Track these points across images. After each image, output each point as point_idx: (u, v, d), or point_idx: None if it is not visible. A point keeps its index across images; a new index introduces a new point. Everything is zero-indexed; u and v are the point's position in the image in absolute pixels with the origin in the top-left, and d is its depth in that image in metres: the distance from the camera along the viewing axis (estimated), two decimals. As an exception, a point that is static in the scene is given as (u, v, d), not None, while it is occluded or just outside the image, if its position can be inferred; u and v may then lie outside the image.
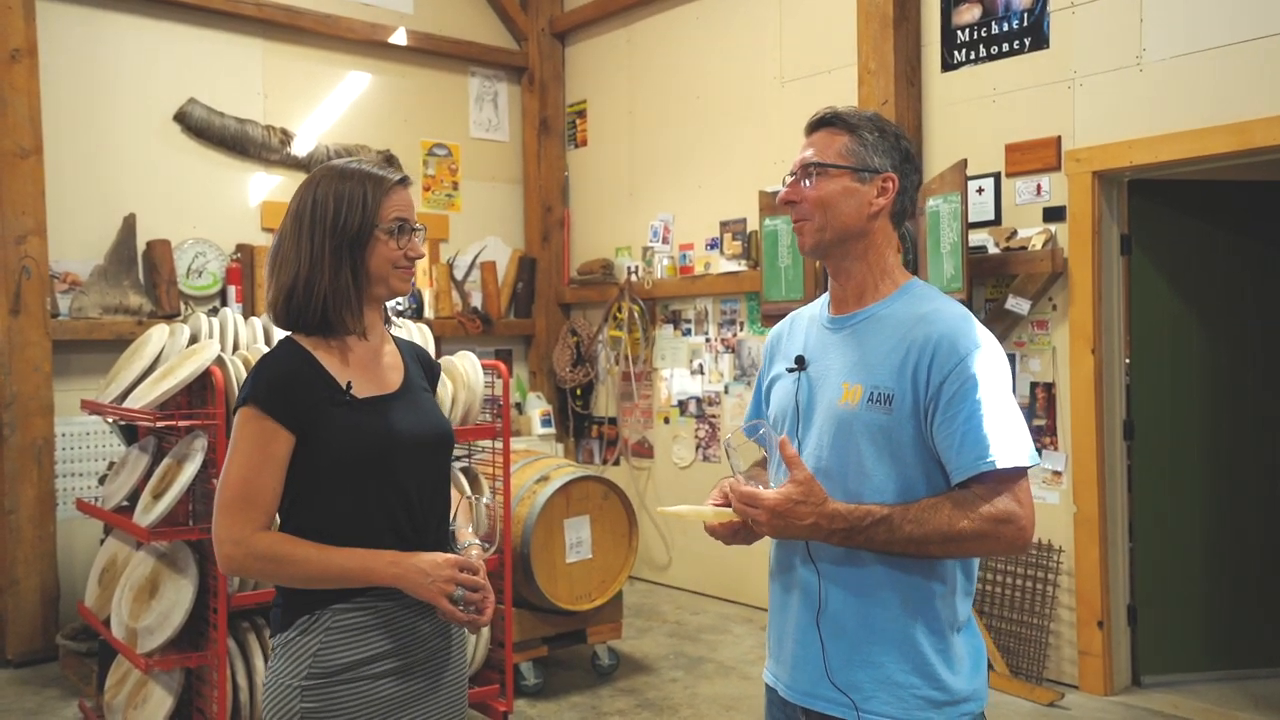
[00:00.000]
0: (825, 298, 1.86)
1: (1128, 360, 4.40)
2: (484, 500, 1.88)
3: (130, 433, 4.01)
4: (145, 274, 5.32)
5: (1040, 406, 4.43)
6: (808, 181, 1.74)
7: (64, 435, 5.00)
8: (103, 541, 4.02)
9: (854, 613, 1.67)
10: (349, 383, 1.77)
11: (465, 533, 1.88)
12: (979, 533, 1.57)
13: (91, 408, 3.78)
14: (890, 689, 1.64)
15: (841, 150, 1.72)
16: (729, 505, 1.73)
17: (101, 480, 4.43)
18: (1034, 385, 4.45)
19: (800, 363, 1.79)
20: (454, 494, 1.99)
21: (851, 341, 1.73)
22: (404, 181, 1.84)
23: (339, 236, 1.75)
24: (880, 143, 1.73)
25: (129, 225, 5.27)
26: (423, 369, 1.98)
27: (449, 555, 1.75)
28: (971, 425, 1.58)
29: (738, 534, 1.75)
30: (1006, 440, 1.59)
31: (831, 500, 1.61)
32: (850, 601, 1.67)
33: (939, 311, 1.68)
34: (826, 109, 1.79)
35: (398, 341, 1.96)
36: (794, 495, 1.59)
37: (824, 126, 1.77)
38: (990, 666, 4.36)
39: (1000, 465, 1.57)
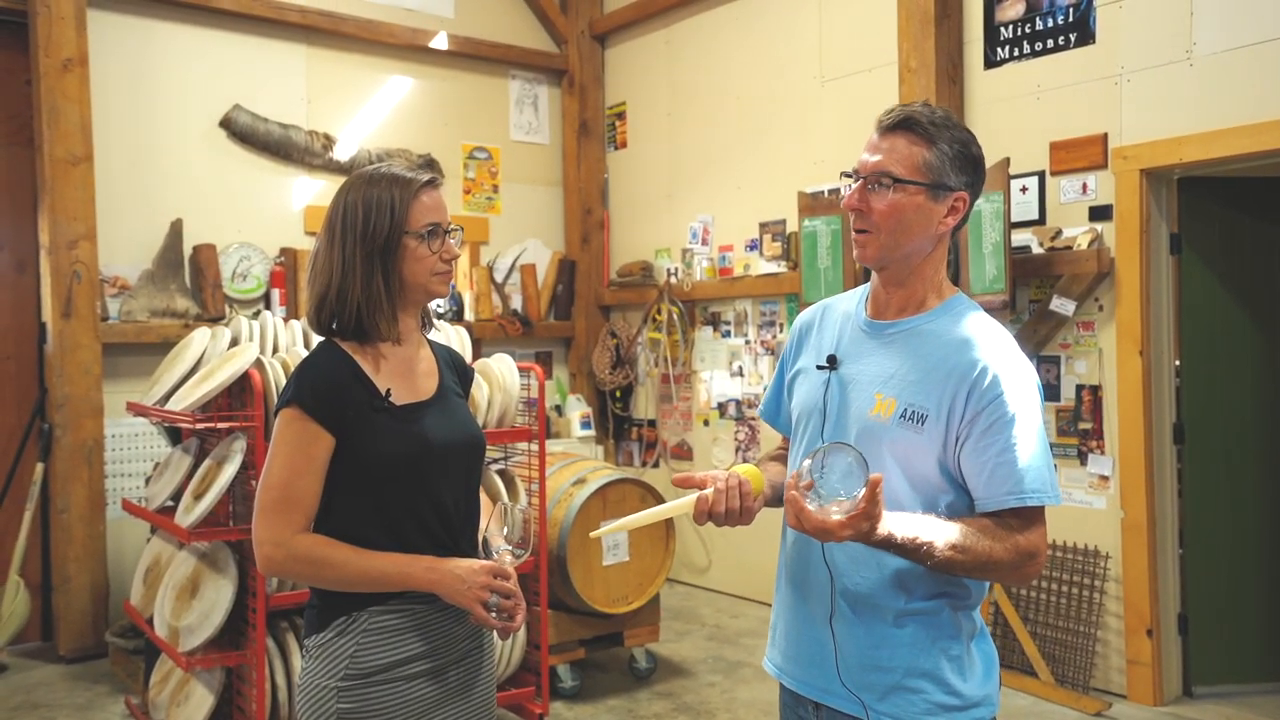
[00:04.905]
0: (862, 293, 1.79)
1: (1178, 362, 4.28)
2: (519, 506, 1.89)
3: (175, 434, 4.08)
4: (192, 278, 5.42)
5: (1086, 409, 4.33)
6: (876, 188, 1.64)
7: (114, 436, 5.11)
8: (149, 541, 4.10)
9: (867, 617, 1.66)
10: (388, 390, 1.78)
11: (498, 539, 1.88)
12: (1009, 564, 1.58)
13: (136, 409, 3.86)
14: (901, 694, 1.65)
15: (920, 164, 1.62)
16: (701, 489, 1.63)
17: (148, 481, 4.51)
18: (1079, 388, 4.35)
19: (832, 362, 1.74)
20: (484, 499, 1.99)
21: (889, 351, 1.68)
22: (433, 182, 1.84)
23: (369, 244, 1.76)
24: (960, 158, 1.64)
25: (176, 230, 5.37)
26: (456, 374, 1.99)
27: (484, 562, 1.75)
28: (1006, 458, 1.57)
29: (729, 515, 1.62)
30: (1040, 478, 1.59)
31: (888, 516, 1.50)
32: (863, 605, 1.66)
33: (982, 336, 1.64)
34: (904, 110, 1.65)
35: (433, 346, 1.97)
36: (863, 529, 1.48)
37: (903, 130, 1.64)
38: (1034, 674, 4.28)
39: (1034, 503, 1.58)
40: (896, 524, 1.54)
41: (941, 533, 1.55)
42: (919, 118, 1.64)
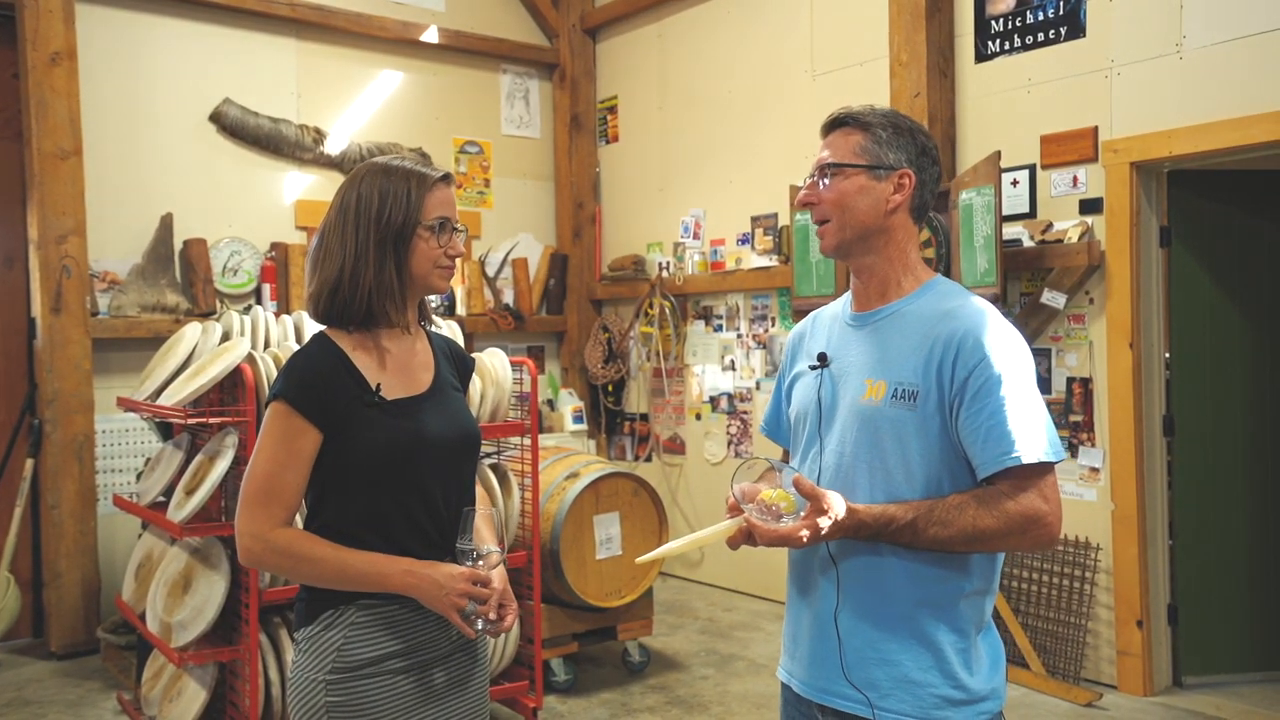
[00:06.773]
0: (847, 296, 1.85)
1: (1167, 355, 4.30)
2: (486, 510, 1.87)
3: (166, 429, 4.07)
4: (182, 273, 5.40)
5: (1077, 402, 4.35)
6: (824, 182, 1.74)
7: (104, 432, 5.09)
8: (140, 536, 4.09)
9: (872, 609, 1.66)
10: (378, 384, 1.77)
11: (485, 542, 1.87)
12: (1004, 531, 1.58)
13: (126, 405, 3.84)
14: (907, 687, 1.64)
15: (855, 149, 1.73)
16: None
17: (139, 476, 4.50)
18: (1070, 380, 4.37)
19: (823, 360, 1.78)
20: (480, 494, 1.99)
21: (874, 338, 1.73)
22: (447, 179, 1.85)
23: (383, 231, 1.76)
24: (895, 139, 1.73)
25: (166, 224, 5.35)
26: (454, 365, 1.98)
27: (463, 568, 1.74)
28: (995, 421, 1.58)
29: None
30: (1031, 436, 1.58)
31: (856, 510, 1.60)
32: (868, 598, 1.67)
33: (963, 307, 1.67)
34: (841, 110, 1.79)
35: (430, 337, 1.95)
36: (821, 524, 1.57)
37: (838, 127, 1.77)
38: (1025, 665, 4.30)
39: (1025, 460, 1.57)
40: (865, 511, 1.60)
41: (917, 511, 1.59)
42: (852, 112, 1.77)
